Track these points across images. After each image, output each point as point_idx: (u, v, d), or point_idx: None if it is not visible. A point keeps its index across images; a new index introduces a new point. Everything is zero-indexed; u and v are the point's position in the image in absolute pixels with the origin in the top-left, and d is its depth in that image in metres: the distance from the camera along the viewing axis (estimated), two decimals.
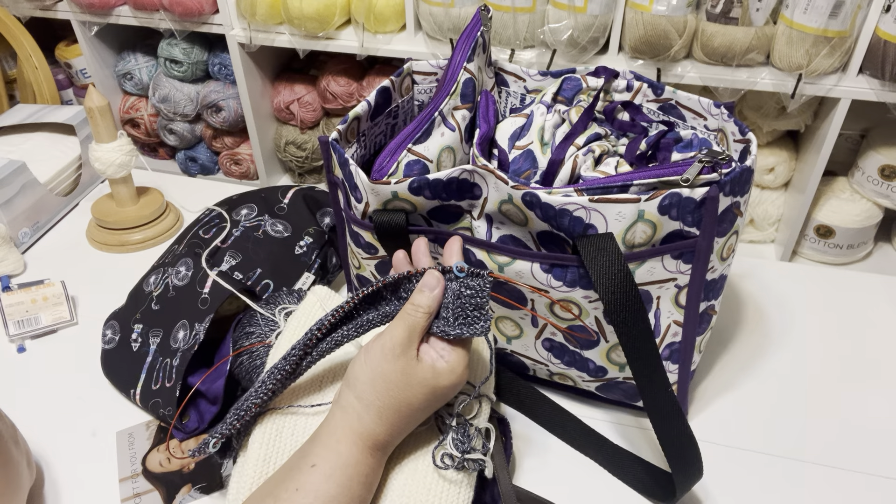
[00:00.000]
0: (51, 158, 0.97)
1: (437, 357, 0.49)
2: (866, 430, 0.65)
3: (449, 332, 0.48)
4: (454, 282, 0.49)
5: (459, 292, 0.48)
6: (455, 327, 0.48)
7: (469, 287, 0.48)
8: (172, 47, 1.84)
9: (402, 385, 0.47)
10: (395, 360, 0.47)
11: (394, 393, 0.48)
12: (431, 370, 0.48)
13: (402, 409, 0.48)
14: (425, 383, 0.48)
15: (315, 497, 0.46)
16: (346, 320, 0.52)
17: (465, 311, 0.48)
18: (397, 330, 0.48)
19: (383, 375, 0.48)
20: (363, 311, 0.52)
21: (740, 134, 0.57)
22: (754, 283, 0.81)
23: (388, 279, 0.50)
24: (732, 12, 1.33)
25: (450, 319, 0.48)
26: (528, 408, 0.65)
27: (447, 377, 0.48)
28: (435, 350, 0.49)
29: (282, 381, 0.52)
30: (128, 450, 0.63)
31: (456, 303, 0.48)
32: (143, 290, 0.71)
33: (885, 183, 1.54)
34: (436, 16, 1.48)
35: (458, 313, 0.48)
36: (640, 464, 0.60)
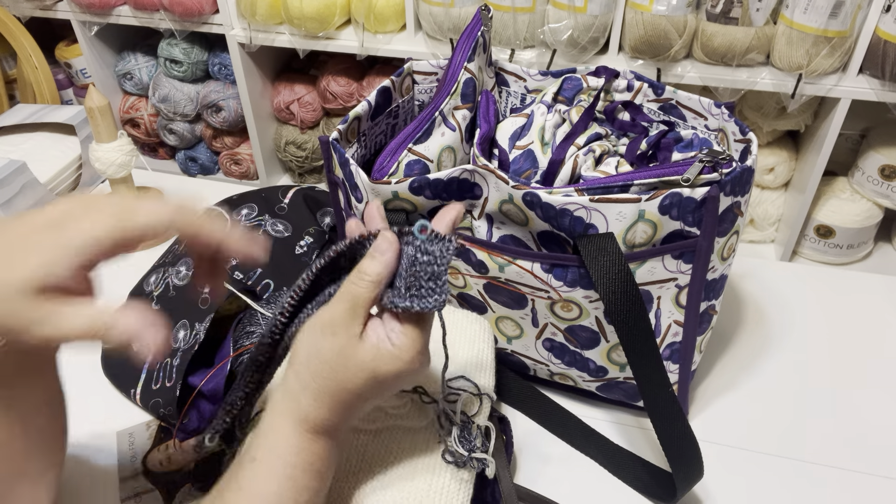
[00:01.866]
0: (51, 158, 0.97)
1: (383, 338, 0.41)
2: (867, 429, 0.65)
3: (397, 304, 0.41)
4: (411, 245, 0.42)
5: (415, 258, 0.41)
6: (405, 299, 0.41)
7: (427, 252, 0.41)
8: (172, 47, 1.84)
9: (337, 367, 0.41)
10: (332, 337, 0.41)
11: (328, 374, 0.41)
12: (373, 352, 0.41)
13: (339, 393, 0.41)
14: (364, 367, 0.40)
15: (256, 496, 0.41)
16: (308, 298, 0.47)
17: (419, 281, 0.41)
18: (337, 302, 0.41)
19: (319, 354, 0.41)
20: (325, 285, 0.47)
21: (741, 134, 0.57)
22: (754, 283, 0.81)
23: (340, 246, 0.44)
24: (732, 12, 1.33)
25: (401, 290, 0.41)
26: (528, 407, 0.65)
27: (390, 363, 0.41)
28: (384, 329, 0.42)
29: (260, 370, 0.48)
30: (128, 450, 0.63)
31: (410, 270, 0.41)
32: (144, 289, 0.71)
33: (885, 183, 1.54)
34: (436, 16, 1.48)
35: (411, 283, 0.41)
36: (641, 463, 0.60)
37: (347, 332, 0.41)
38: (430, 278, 0.41)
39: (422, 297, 0.41)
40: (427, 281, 0.41)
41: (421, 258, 0.41)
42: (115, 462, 0.62)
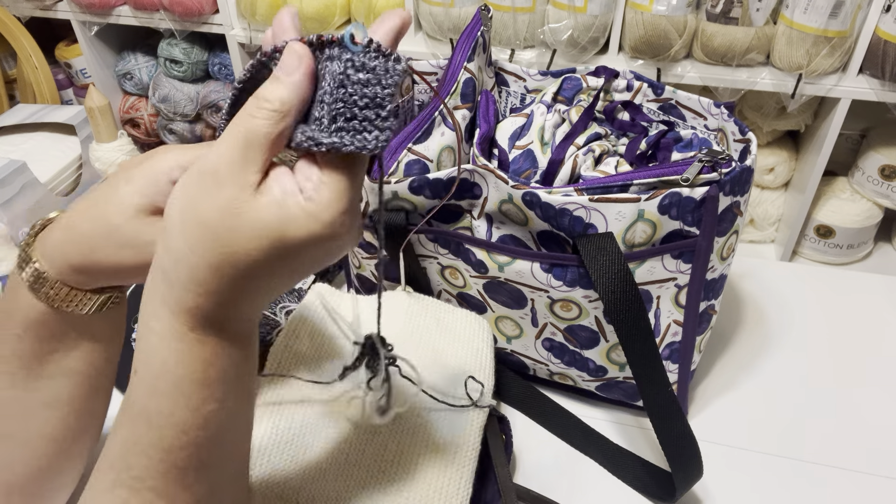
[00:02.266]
0: (51, 158, 0.97)
1: (292, 190, 0.31)
2: (866, 429, 0.65)
3: (319, 140, 0.31)
4: (338, 61, 0.31)
5: (346, 77, 0.30)
6: (331, 133, 0.31)
7: (364, 68, 0.30)
8: (172, 47, 1.84)
9: (222, 230, 0.30)
10: (215, 190, 0.30)
11: (210, 243, 0.30)
12: (275, 210, 0.30)
13: (225, 267, 0.31)
14: (262, 229, 0.30)
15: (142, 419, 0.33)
16: None
17: (351, 109, 0.30)
18: (224, 141, 0.31)
19: (196, 214, 0.30)
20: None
21: (740, 134, 0.57)
22: (754, 283, 0.81)
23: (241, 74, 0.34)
24: (732, 12, 1.33)
25: (324, 121, 0.31)
26: (528, 407, 0.66)
27: (302, 224, 0.30)
28: (294, 179, 0.31)
29: None
30: None
31: (337, 93, 0.30)
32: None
33: (885, 183, 1.54)
34: (436, 16, 1.48)
35: (339, 111, 0.30)
36: (640, 463, 0.60)
37: (237, 181, 0.30)
38: (367, 105, 0.30)
39: (356, 132, 0.31)
40: (363, 109, 0.31)
41: (354, 76, 0.30)
42: None
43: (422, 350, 0.60)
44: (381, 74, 0.30)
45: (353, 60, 0.30)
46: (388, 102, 0.31)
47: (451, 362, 0.59)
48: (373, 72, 0.30)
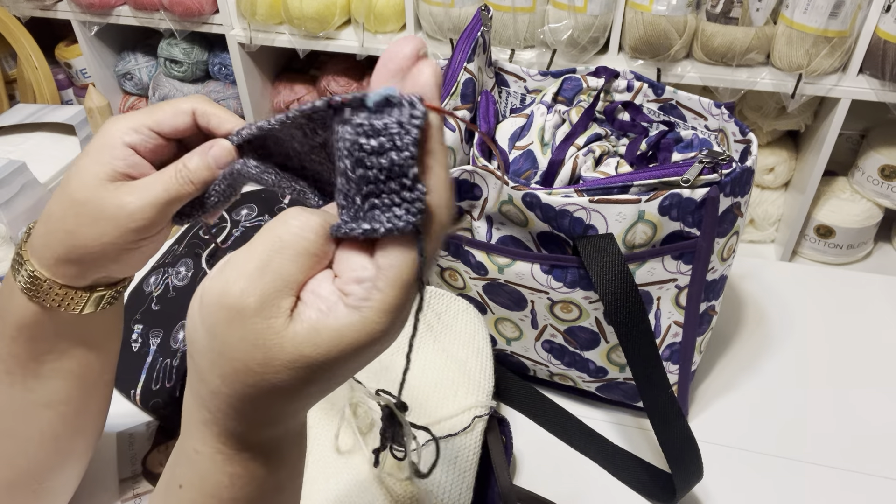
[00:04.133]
0: (51, 158, 0.97)
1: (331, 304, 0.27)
2: (867, 430, 0.65)
3: (351, 229, 0.26)
4: (349, 127, 0.25)
5: (357, 147, 0.25)
6: (366, 218, 0.26)
7: (375, 132, 0.25)
8: (172, 47, 1.84)
9: (255, 365, 0.27)
10: (239, 324, 0.27)
11: (244, 377, 0.27)
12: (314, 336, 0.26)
13: (262, 399, 0.28)
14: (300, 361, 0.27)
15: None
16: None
17: (375, 184, 0.25)
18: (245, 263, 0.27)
19: (224, 349, 0.27)
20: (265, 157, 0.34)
21: (741, 134, 0.57)
22: (754, 284, 0.81)
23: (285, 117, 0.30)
24: (732, 12, 1.33)
25: (356, 200, 0.26)
26: (528, 408, 0.65)
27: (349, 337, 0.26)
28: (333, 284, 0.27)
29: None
30: (128, 450, 0.63)
31: (357, 170, 0.25)
32: (143, 290, 0.71)
33: (885, 183, 1.54)
34: (436, 16, 1.48)
35: (368, 189, 0.26)
36: (640, 464, 0.60)
37: (264, 312, 0.27)
38: (388, 177, 0.25)
39: (386, 208, 0.25)
40: (386, 182, 0.25)
41: (367, 145, 0.25)
42: (115, 463, 0.62)
43: (424, 350, 0.60)
44: (395, 133, 0.25)
45: (362, 125, 0.25)
46: (409, 167, 0.25)
47: (454, 365, 0.59)
48: (385, 133, 0.25)
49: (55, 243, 0.40)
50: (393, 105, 0.25)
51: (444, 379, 0.58)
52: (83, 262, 0.40)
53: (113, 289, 0.44)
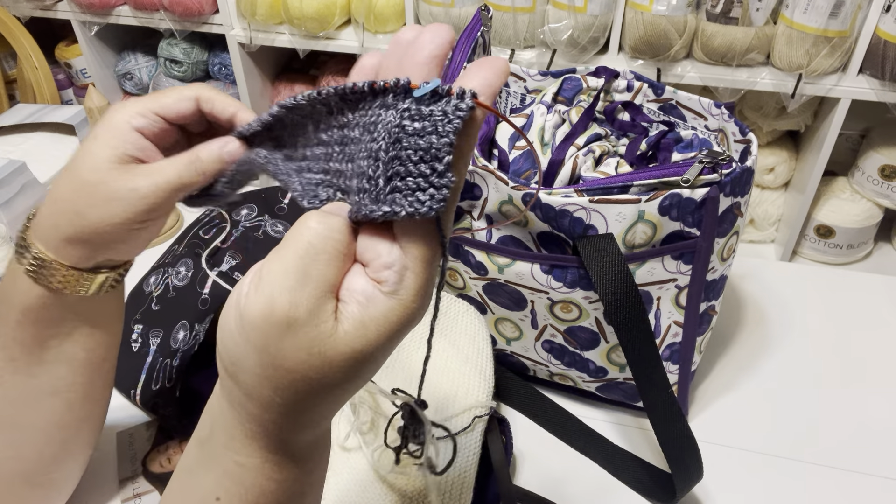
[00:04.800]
0: (51, 158, 0.97)
1: (369, 295, 0.27)
2: (866, 430, 0.65)
3: (377, 210, 0.26)
4: (393, 111, 0.26)
5: (401, 129, 0.26)
6: (385, 197, 0.26)
7: (421, 116, 0.25)
8: (172, 47, 1.84)
9: (313, 373, 0.28)
10: (293, 337, 0.27)
11: (300, 385, 0.28)
12: (362, 331, 0.27)
13: (317, 401, 0.29)
14: (351, 357, 0.28)
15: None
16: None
17: (405, 164, 0.26)
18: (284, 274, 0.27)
19: (278, 362, 0.27)
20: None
21: (741, 134, 0.57)
22: (754, 284, 0.81)
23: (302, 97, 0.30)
24: (732, 12, 1.33)
25: (379, 181, 0.26)
26: (528, 408, 0.65)
27: (392, 320, 0.28)
28: (365, 273, 0.28)
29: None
30: (128, 450, 0.63)
31: (393, 149, 0.26)
32: (143, 290, 0.71)
33: (885, 183, 1.54)
34: (436, 16, 1.48)
35: (395, 169, 0.26)
36: (640, 464, 0.60)
37: (313, 320, 0.27)
38: (421, 159, 0.26)
39: (409, 191, 0.26)
40: (417, 163, 0.26)
41: (410, 126, 0.25)
42: (115, 462, 0.62)
43: (424, 351, 0.60)
44: (439, 120, 0.25)
45: (409, 110, 0.26)
46: (446, 154, 0.25)
47: (455, 365, 0.59)
48: (429, 118, 0.25)
49: (64, 224, 0.40)
50: (439, 96, 0.26)
51: (445, 379, 0.58)
52: (91, 242, 0.41)
53: (116, 271, 0.45)
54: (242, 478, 0.31)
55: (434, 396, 0.57)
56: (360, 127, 0.27)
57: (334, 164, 0.30)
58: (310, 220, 0.28)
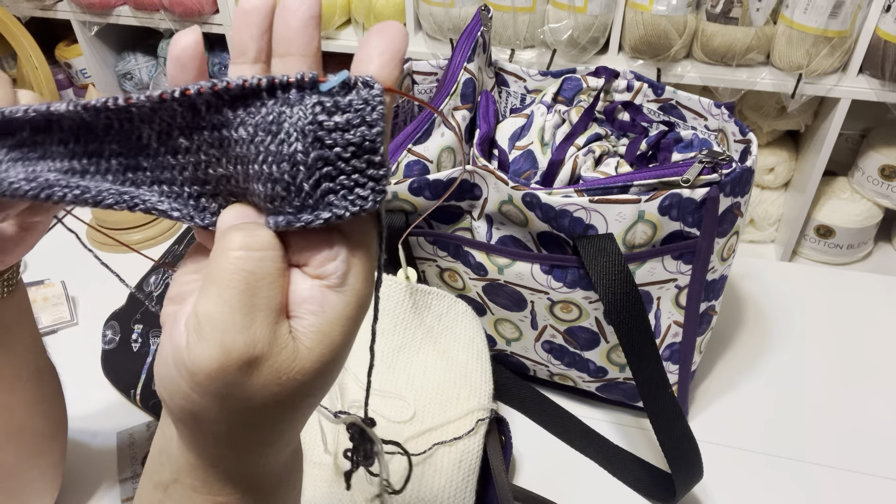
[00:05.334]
0: None
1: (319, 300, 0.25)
2: (866, 430, 0.65)
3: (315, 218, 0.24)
4: (300, 108, 0.24)
5: (317, 126, 0.23)
6: (321, 205, 0.24)
7: (339, 109, 0.23)
8: None
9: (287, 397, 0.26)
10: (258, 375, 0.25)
11: (276, 415, 0.26)
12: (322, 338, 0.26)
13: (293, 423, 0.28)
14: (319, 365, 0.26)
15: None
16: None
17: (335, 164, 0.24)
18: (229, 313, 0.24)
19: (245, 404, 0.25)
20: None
21: (741, 134, 0.57)
22: (754, 284, 0.81)
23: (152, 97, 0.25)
24: (732, 12, 1.33)
25: (303, 189, 0.24)
26: (528, 408, 0.65)
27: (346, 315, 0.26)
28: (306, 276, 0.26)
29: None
30: (128, 450, 0.63)
31: (314, 150, 0.23)
32: (144, 290, 0.71)
33: (885, 183, 1.54)
34: (436, 16, 1.48)
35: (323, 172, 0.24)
36: (640, 464, 0.60)
37: (275, 350, 0.25)
38: (355, 154, 0.24)
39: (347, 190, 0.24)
40: (351, 159, 0.24)
41: (329, 122, 0.23)
42: (115, 462, 0.62)
43: (425, 353, 0.60)
44: (362, 109, 0.23)
45: (322, 104, 0.23)
46: (381, 143, 0.24)
47: (456, 367, 0.59)
48: (351, 109, 0.23)
49: None
50: (350, 87, 0.24)
51: (447, 382, 0.58)
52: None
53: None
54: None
55: (436, 399, 0.57)
56: (249, 127, 0.24)
57: (216, 170, 0.26)
58: (233, 243, 0.24)
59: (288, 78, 0.24)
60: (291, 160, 0.23)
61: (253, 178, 0.25)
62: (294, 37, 0.25)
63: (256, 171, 0.24)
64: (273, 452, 0.28)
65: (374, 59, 0.25)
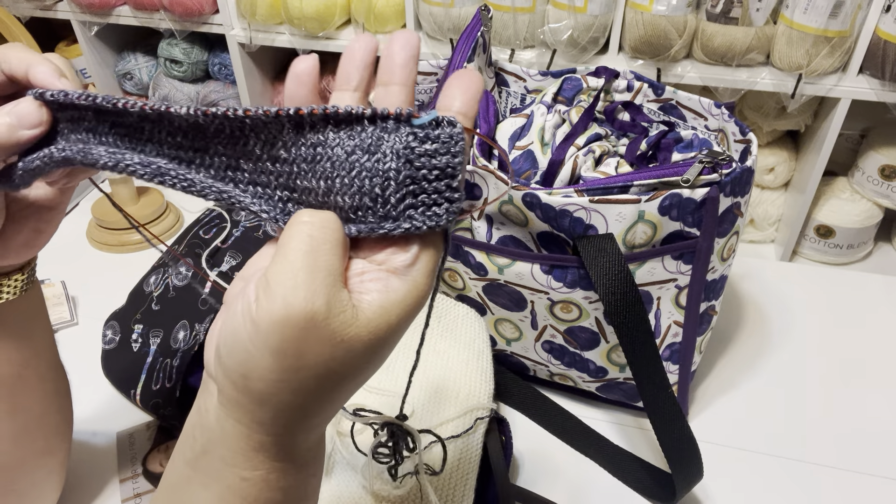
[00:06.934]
0: None
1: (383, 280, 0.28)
2: (866, 430, 0.65)
3: (389, 229, 0.28)
4: (395, 135, 0.28)
5: (410, 150, 0.28)
6: (402, 217, 0.28)
7: (429, 139, 0.28)
8: (172, 47, 1.84)
9: (337, 366, 0.27)
10: (315, 332, 0.26)
11: (324, 382, 0.28)
12: (383, 314, 0.28)
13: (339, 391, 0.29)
14: (376, 342, 0.28)
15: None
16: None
17: (420, 184, 0.28)
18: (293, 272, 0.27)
19: (299, 363, 0.27)
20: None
21: (741, 134, 0.57)
22: (754, 284, 0.81)
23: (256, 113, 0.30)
24: (732, 12, 1.33)
25: (389, 202, 0.28)
26: (528, 408, 0.65)
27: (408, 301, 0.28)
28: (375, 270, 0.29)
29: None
30: (128, 450, 0.63)
31: (405, 169, 0.28)
32: (144, 290, 0.71)
33: (885, 183, 1.54)
34: (436, 16, 1.48)
35: (409, 188, 0.28)
36: (640, 464, 0.60)
37: (334, 310, 0.27)
38: (438, 177, 0.28)
39: (426, 207, 0.28)
40: (434, 181, 0.28)
41: (420, 148, 0.28)
42: (115, 462, 0.62)
43: (425, 353, 0.60)
44: (448, 142, 0.28)
45: (415, 133, 0.28)
46: (460, 171, 0.28)
47: (456, 367, 0.59)
48: (438, 141, 0.28)
49: None
50: (438, 124, 0.28)
51: (447, 382, 0.58)
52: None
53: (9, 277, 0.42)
54: (247, 491, 0.30)
55: (435, 399, 0.57)
56: (348, 147, 0.28)
57: (303, 182, 0.29)
58: (302, 216, 0.28)
59: (388, 110, 0.28)
60: (384, 175, 0.28)
61: (338, 191, 0.28)
62: (397, 71, 0.30)
63: (346, 184, 0.28)
64: (304, 430, 0.30)
65: (457, 98, 0.29)
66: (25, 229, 0.41)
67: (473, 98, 0.29)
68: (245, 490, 0.30)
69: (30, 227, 0.41)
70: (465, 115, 0.29)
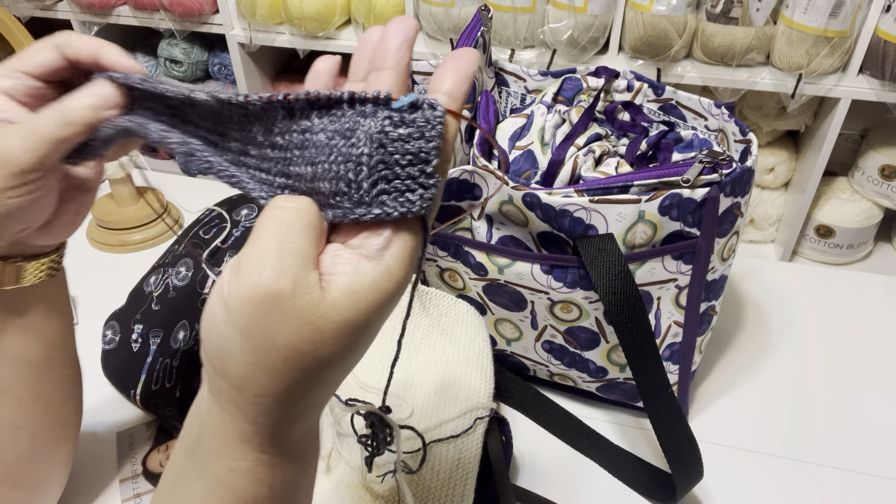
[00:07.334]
0: None
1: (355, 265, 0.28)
2: (867, 430, 0.65)
3: (367, 213, 0.28)
4: (371, 119, 0.27)
5: (384, 135, 0.27)
6: (374, 203, 0.28)
7: (404, 123, 0.27)
8: (172, 47, 1.84)
9: (306, 347, 0.27)
10: (279, 311, 0.27)
11: (293, 363, 0.27)
12: (352, 298, 0.27)
13: (313, 381, 0.28)
14: (345, 326, 0.27)
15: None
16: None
17: (392, 168, 0.27)
18: (261, 253, 0.27)
19: (266, 343, 0.27)
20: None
21: (741, 134, 0.57)
22: (754, 284, 0.81)
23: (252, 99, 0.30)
24: (732, 12, 1.33)
25: (362, 187, 0.28)
26: (528, 408, 0.65)
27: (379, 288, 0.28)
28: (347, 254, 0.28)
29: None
30: (128, 450, 0.63)
31: (377, 153, 0.27)
32: (144, 290, 0.71)
33: (885, 183, 1.54)
34: (436, 16, 1.48)
35: (381, 173, 0.27)
36: (641, 464, 0.60)
37: (299, 289, 0.27)
38: (410, 162, 0.27)
39: (398, 193, 0.28)
40: (406, 167, 0.27)
41: (394, 132, 0.27)
42: (115, 463, 0.62)
43: (425, 352, 0.60)
44: (423, 126, 0.27)
45: (391, 118, 0.27)
46: (434, 156, 0.27)
47: (455, 366, 0.59)
48: (413, 125, 0.27)
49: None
50: (418, 107, 0.27)
51: (446, 381, 0.58)
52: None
53: (38, 261, 0.43)
54: (235, 484, 0.30)
55: (435, 398, 0.57)
56: (329, 132, 0.28)
57: (295, 168, 0.30)
58: (277, 201, 0.29)
59: (366, 93, 0.28)
60: (357, 160, 0.27)
61: (321, 176, 0.29)
62: (389, 56, 0.30)
63: (326, 169, 0.28)
64: (288, 421, 0.30)
65: (448, 78, 0.29)
66: (70, 210, 0.43)
67: (465, 78, 0.29)
68: (233, 482, 0.30)
69: (73, 208, 0.43)
70: (452, 97, 0.29)
